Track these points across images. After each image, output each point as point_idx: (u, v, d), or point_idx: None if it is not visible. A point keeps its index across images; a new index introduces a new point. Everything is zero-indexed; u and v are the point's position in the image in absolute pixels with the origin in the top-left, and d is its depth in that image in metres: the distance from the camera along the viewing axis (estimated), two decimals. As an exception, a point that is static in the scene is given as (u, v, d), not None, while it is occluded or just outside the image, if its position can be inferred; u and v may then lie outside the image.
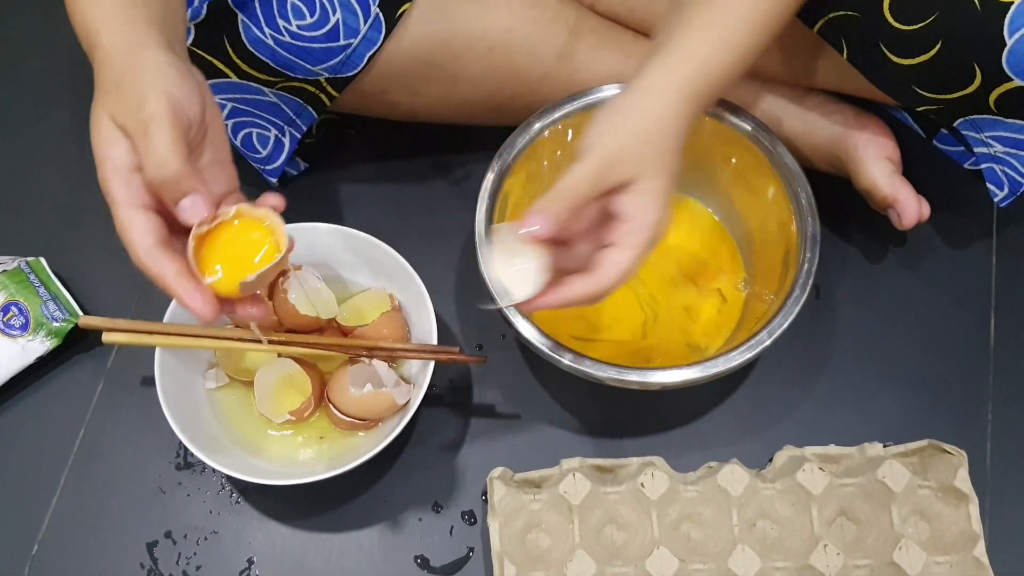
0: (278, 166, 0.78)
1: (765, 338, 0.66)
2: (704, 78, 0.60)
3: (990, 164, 0.71)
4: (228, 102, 0.74)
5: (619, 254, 0.57)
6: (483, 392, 0.77)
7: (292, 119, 0.76)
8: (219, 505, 0.73)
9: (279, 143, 0.77)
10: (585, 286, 0.58)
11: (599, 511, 0.69)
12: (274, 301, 0.72)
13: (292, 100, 0.74)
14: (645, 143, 0.58)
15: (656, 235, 0.58)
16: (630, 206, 0.58)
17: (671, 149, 0.59)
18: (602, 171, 0.57)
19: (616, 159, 0.58)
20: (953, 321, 0.79)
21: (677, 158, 0.60)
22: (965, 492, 0.68)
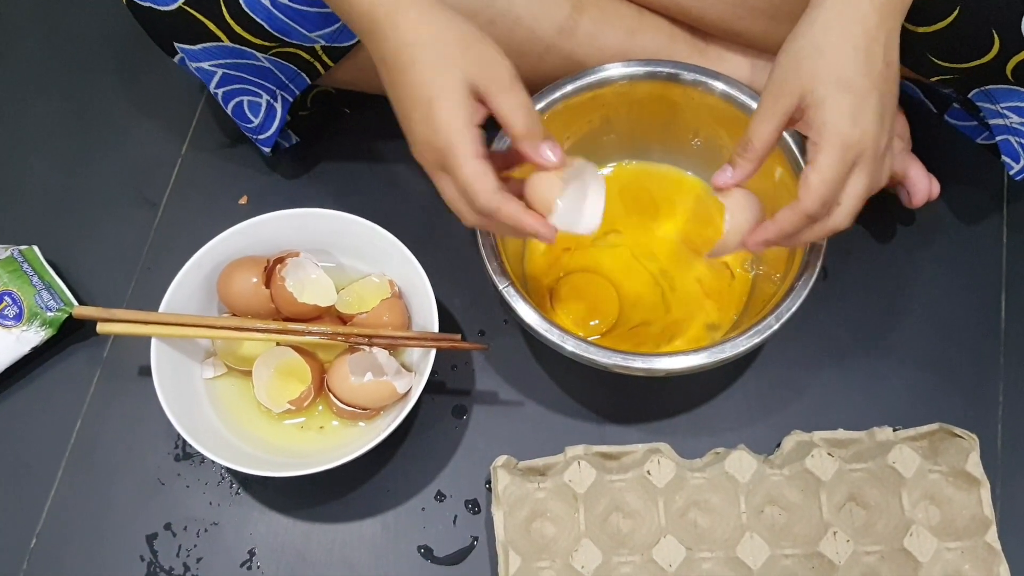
0: (271, 135, 0.76)
1: (773, 322, 0.65)
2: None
3: (1005, 136, 0.69)
4: (218, 68, 0.72)
5: (812, 171, 0.56)
6: (486, 379, 0.76)
7: (284, 83, 0.74)
8: (219, 496, 0.72)
9: (271, 110, 0.75)
10: (788, 215, 0.58)
11: (605, 499, 0.68)
12: (272, 289, 0.70)
13: (286, 66, 0.72)
14: (816, 56, 0.56)
15: (851, 148, 0.55)
16: (809, 124, 0.56)
17: (852, 57, 0.56)
18: (774, 98, 0.57)
19: (784, 80, 0.57)
20: (963, 301, 0.77)
21: (866, 66, 0.56)
22: (976, 477, 0.67)
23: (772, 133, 0.59)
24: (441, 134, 0.56)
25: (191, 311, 0.71)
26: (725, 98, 0.72)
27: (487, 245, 0.68)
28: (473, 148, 0.56)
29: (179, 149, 0.87)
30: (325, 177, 0.85)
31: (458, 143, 0.56)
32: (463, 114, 0.56)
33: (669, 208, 0.79)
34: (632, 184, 0.80)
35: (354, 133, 0.86)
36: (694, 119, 0.75)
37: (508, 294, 0.67)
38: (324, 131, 0.86)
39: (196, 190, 0.85)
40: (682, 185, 0.80)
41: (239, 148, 0.86)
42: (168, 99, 0.89)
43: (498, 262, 0.67)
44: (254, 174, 0.85)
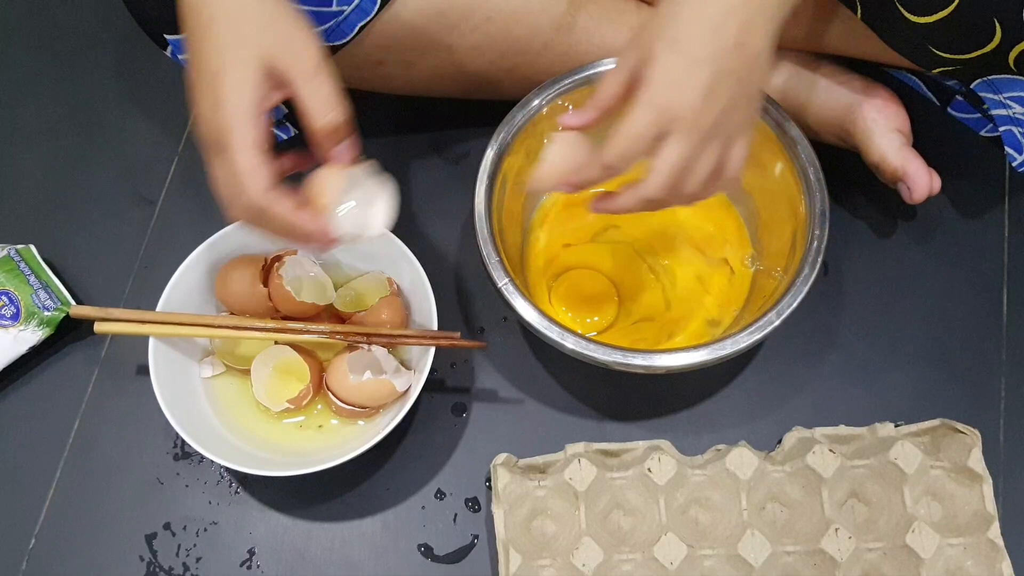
0: None
1: (774, 318, 0.65)
2: None
3: (1009, 127, 0.68)
4: None
5: (621, 124, 0.54)
6: (486, 376, 0.75)
7: None
8: (218, 495, 0.72)
9: None
10: (589, 162, 0.56)
11: (605, 497, 0.68)
12: (270, 287, 0.70)
13: None
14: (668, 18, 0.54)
15: (665, 111, 0.53)
16: (639, 79, 0.54)
17: (697, 24, 0.53)
18: (624, 54, 0.55)
19: (637, 38, 0.55)
20: (965, 296, 0.77)
21: (710, 37, 0.53)
22: (979, 472, 0.67)
23: (615, 85, 0.56)
24: (221, 112, 0.52)
25: (189, 310, 0.71)
26: (725, 93, 0.72)
27: (486, 242, 0.67)
28: (253, 136, 0.52)
29: (176, 146, 0.86)
30: (323, 174, 0.84)
31: (237, 127, 0.52)
32: (250, 95, 0.52)
33: (669, 203, 0.79)
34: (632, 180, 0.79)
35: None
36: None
37: (507, 291, 0.66)
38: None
39: (193, 188, 0.84)
40: (682, 180, 0.79)
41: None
42: (164, 96, 0.88)
43: (497, 258, 0.67)
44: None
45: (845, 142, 0.76)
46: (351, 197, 0.56)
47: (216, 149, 0.54)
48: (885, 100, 0.74)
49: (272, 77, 0.53)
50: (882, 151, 0.73)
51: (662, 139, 0.54)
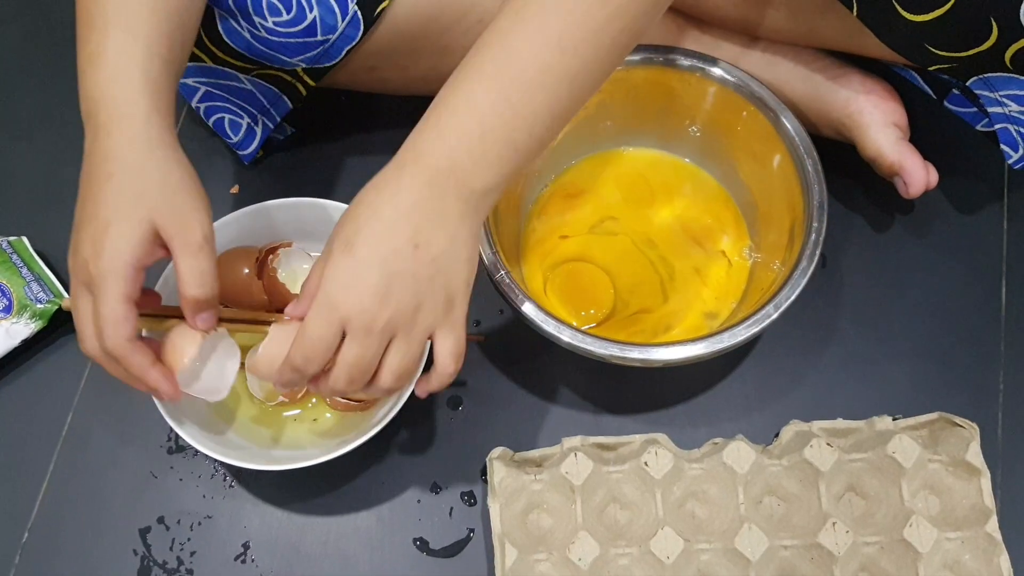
0: (250, 152, 0.76)
1: (771, 311, 0.65)
2: None
3: (1004, 124, 0.68)
4: (202, 85, 0.72)
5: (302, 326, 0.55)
6: (482, 369, 0.75)
7: (266, 108, 0.73)
8: (212, 489, 0.72)
9: (251, 131, 0.75)
10: (285, 363, 0.56)
11: (602, 491, 0.68)
12: (263, 280, 0.69)
13: (267, 88, 0.72)
14: (344, 217, 0.56)
15: (335, 309, 0.53)
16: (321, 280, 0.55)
17: (369, 225, 0.54)
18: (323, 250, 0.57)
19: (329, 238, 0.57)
20: (963, 289, 0.77)
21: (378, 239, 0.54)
22: (977, 466, 0.66)
23: (315, 279, 0.56)
24: (102, 262, 0.53)
25: (183, 302, 0.70)
26: (722, 83, 0.72)
27: (482, 234, 0.67)
28: (125, 290, 0.53)
29: (170, 138, 0.86)
30: (319, 166, 0.84)
31: (112, 280, 0.53)
32: (132, 251, 0.53)
33: (666, 195, 0.78)
34: (629, 171, 0.79)
35: (349, 121, 0.85)
36: (691, 105, 0.74)
37: (503, 283, 0.66)
38: (319, 120, 0.85)
39: (187, 179, 0.84)
40: (679, 172, 0.79)
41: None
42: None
43: (493, 251, 0.67)
44: (244, 164, 0.84)
45: (842, 136, 0.76)
46: (200, 357, 0.59)
47: (85, 288, 0.55)
48: (882, 94, 0.74)
49: (157, 239, 0.54)
50: (879, 145, 0.72)
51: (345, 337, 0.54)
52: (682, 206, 0.78)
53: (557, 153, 0.77)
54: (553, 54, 0.54)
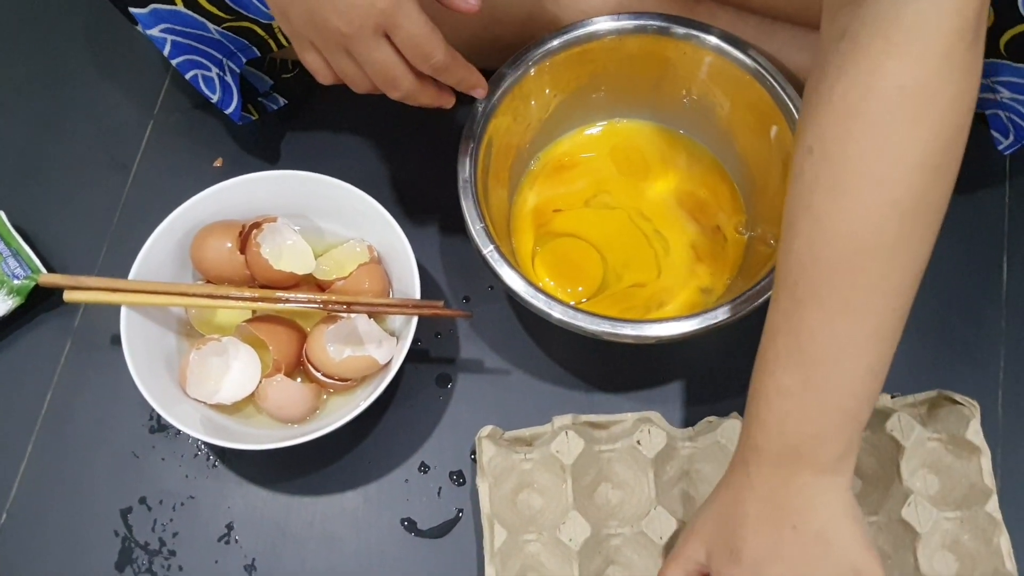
0: (234, 109, 0.73)
1: (768, 288, 0.63)
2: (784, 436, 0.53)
3: (995, 111, 0.67)
4: (168, 35, 0.68)
5: None
6: (471, 346, 0.73)
7: (232, 52, 0.70)
8: (195, 469, 0.70)
9: (225, 85, 0.72)
10: None
11: (593, 470, 0.66)
12: (247, 255, 0.68)
13: (237, 39, 0.69)
14: (717, 518, 0.56)
15: None
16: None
17: (742, 524, 0.53)
18: (684, 543, 0.57)
19: (692, 531, 0.57)
20: (964, 267, 0.75)
21: (760, 535, 0.53)
22: (977, 445, 0.65)
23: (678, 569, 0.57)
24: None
25: (163, 278, 0.69)
26: (719, 52, 0.70)
27: (470, 207, 0.65)
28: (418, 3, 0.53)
29: (151, 110, 0.84)
30: (304, 138, 0.82)
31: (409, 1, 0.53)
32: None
33: (661, 168, 0.77)
34: (623, 143, 0.78)
35: (335, 93, 0.82)
36: (686, 75, 0.72)
37: (492, 258, 0.64)
38: (308, 91, 0.82)
39: (169, 152, 0.82)
40: (675, 144, 0.77)
41: (213, 109, 0.82)
42: (139, 58, 0.85)
43: (482, 225, 0.65)
44: (229, 135, 0.82)
45: None
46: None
47: (383, 29, 0.53)
48: None
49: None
50: None
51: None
52: (677, 179, 0.76)
53: (548, 125, 0.75)
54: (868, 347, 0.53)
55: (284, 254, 0.70)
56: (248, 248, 0.68)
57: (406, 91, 0.57)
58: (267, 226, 0.69)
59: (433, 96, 0.60)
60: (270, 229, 0.69)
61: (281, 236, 0.70)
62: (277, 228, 0.70)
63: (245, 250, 0.68)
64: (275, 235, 0.70)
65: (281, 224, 0.70)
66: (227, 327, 0.70)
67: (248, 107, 0.75)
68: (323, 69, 0.59)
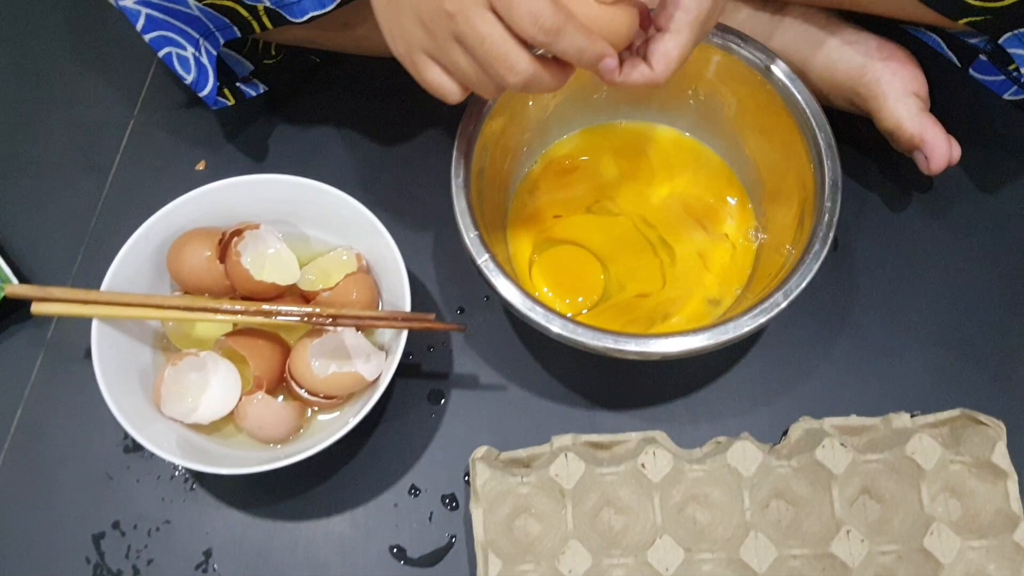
0: (209, 92, 0.68)
1: (780, 300, 0.59)
2: None
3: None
4: (143, 7, 0.64)
5: (672, 39, 0.52)
6: (465, 360, 0.70)
7: (210, 31, 0.66)
8: (172, 492, 0.66)
9: (201, 66, 0.68)
10: (644, 75, 0.53)
11: (595, 494, 0.62)
12: (226, 265, 0.64)
13: (217, 17, 0.65)
14: None
15: (709, 14, 0.51)
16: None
17: None
18: None
19: None
20: (987, 274, 0.72)
21: None
22: (1003, 468, 0.61)
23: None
24: None
25: (139, 289, 0.65)
26: (726, 50, 0.66)
27: (464, 214, 0.62)
28: None
29: (131, 109, 0.80)
30: (291, 141, 0.78)
31: None
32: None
33: (666, 172, 0.73)
34: (626, 146, 0.74)
35: (325, 89, 0.80)
36: (692, 73, 0.68)
37: (487, 268, 0.60)
38: (292, 86, 0.79)
39: (149, 155, 0.78)
40: (680, 147, 0.74)
41: (196, 109, 0.79)
42: (120, 55, 0.82)
43: (477, 232, 0.61)
44: (213, 137, 0.78)
45: (857, 107, 0.71)
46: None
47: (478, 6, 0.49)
48: (901, 61, 0.69)
49: None
50: (897, 116, 0.67)
51: None
52: (683, 184, 0.73)
53: (547, 125, 0.72)
54: None
55: (267, 263, 0.66)
56: (228, 257, 0.64)
57: (524, 73, 0.51)
58: (249, 234, 0.65)
59: (557, 76, 0.53)
60: (252, 237, 0.65)
61: (264, 244, 0.66)
62: (260, 236, 0.66)
63: (225, 259, 0.64)
64: (257, 243, 0.66)
65: (264, 231, 0.66)
66: (206, 341, 0.66)
67: (224, 92, 0.71)
68: (447, 82, 0.53)
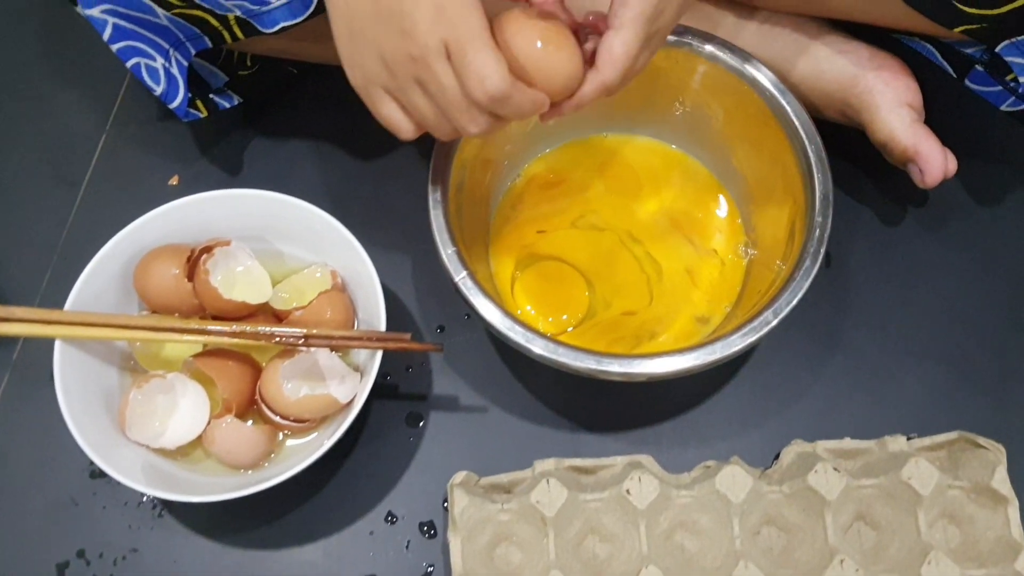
0: (180, 103, 0.66)
1: (770, 318, 0.57)
2: None
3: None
4: (110, 17, 0.62)
5: (615, 35, 0.50)
6: (445, 381, 0.67)
7: (180, 41, 0.64)
8: (139, 519, 0.64)
9: (171, 77, 0.65)
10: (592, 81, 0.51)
11: (578, 521, 0.60)
12: (194, 283, 0.61)
13: (187, 27, 0.63)
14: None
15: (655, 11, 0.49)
16: None
17: None
18: None
19: None
20: (984, 291, 0.70)
21: None
22: (1003, 494, 0.59)
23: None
24: (455, 3, 0.47)
25: (105, 308, 0.62)
26: (712, 60, 0.65)
27: (441, 229, 0.60)
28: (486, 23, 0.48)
29: (104, 122, 0.78)
30: (268, 154, 0.76)
31: (474, 12, 0.48)
32: None
33: (653, 186, 0.71)
34: (612, 159, 0.72)
35: (302, 101, 0.78)
36: (679, 84, 0.67)
37: (465, 286, 0.58)
38: (269, 98, 0.77)
39: (122, 169, 0.76)
40: (667, 159, 0.72)
41: (171, 122, 0.77)
42: (94, 66, 0.80)
43: (454, 249, 0.59)
44: (187, 151, 0.76)
45: (849, 119, 0.69)
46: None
47: (447, 55, 0.48)
48: (894, 71, 0.67)
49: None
50: (891, 128, 0.66)
51: None
52: (670, 198, 0.71)
53: (530, 138, 0.70)
54: None
55: (238, 281, 0.64)
56: (196, 275, 0.61)
57: (484, 124, 0.51)
58: (219, 250, 0.63)
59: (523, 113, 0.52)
60: (222, 254, 0.63)
61: (234, 261, 0.64)
62: (230, 252, 0.64)
63: (193, 277, 0.62)
64: (228, 260, 0.64)
65: (235, 248, 0.64)
66: (175, 362, 0.63)
67: (197, 103, 0.69)
68: (402, 120, 0.53)
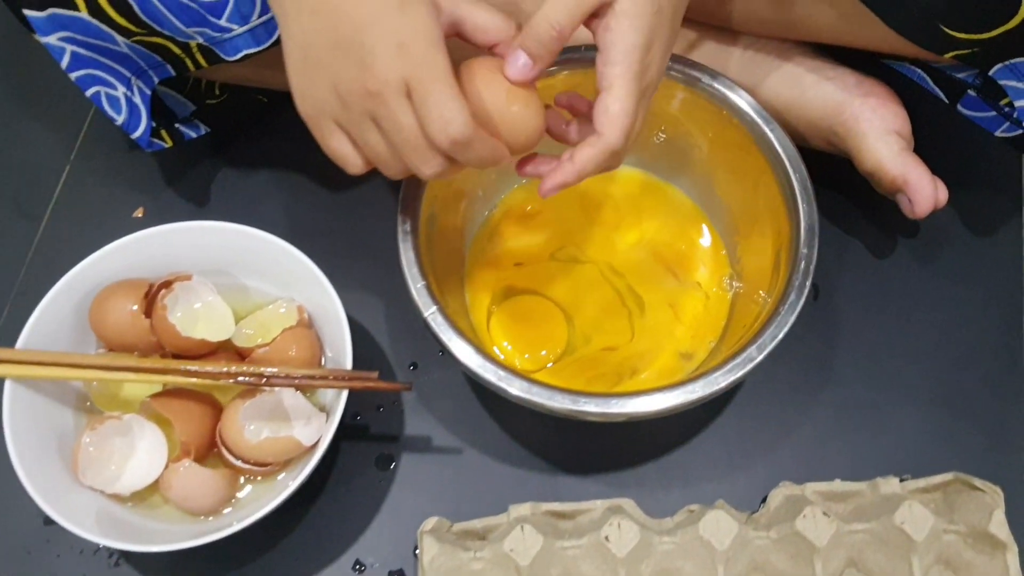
0: (142, 133, 0.64)
1: (755, 354, 0.56)
2: None
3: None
4: (68, 45, 0.60)
5: (609, 97, 0.49)
6: (418, 421, 0.65)
7: (143, 70, 0.62)
8: (95, 567, 0.61)
9: (132, 106, 0.63)
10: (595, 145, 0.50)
11: (555, 570, 0.57)
12: (152, 319, 0.59)
13: (149, 55, 0.61)
14: None
15: (641, 64, 0.49)
16: (605, 32, 0.49)
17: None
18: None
19: None
20: (979, 325, 0.69)
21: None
22: (1001, 539, 0.57)
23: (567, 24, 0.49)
24: (419, 42, 0.46)
25: (60, 346, 0.60)
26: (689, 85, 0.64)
27: (411, 262, 0.58)
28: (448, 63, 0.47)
29: (68, 153, 0.76)
30: (235, 186, 0.74)
31: (438, 55, 0.46)
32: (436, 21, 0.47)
33: (634, 217, 0.70)
34: (592, 189, 0.71)
35: (272, 131, 0.76)
36: (658, 112, 0.65)
37: (435, 322, 0.56)
38: (238, 127, 0.75)
39: (85, 201, 0.74)
40: (649, 189, 0.71)
41: (137, 153, 0.75)
42: (56, 97, 0.78)
43: (424, 283, 0.57)
44: (152, 183, 0.74)
45: (835, 147, 0.68)
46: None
47: (407, 91, 0.47)
48: (881, 98, 0.66)
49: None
50: (878, 157, 0.65)
51: None
52: (652, 229, 0.70)
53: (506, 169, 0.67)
54: None
55: (199, 318, 0.61)
56: (154, 311, 0.59)
57: (439, 167, 0.49)
58: (179, 285, 0.60)
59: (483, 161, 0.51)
60: (182, 289, 0.61)
61: (195, 296, 0.62)
62: (191, 287, 0.61)
63: (151, 313, 0.59)
64: (188, 295, 0.61)
65: (196, 283, 0.61)
66: (134, 402, 0.61)
67: (162, 133, 0.67)
68: (351, 154, 0.51)
